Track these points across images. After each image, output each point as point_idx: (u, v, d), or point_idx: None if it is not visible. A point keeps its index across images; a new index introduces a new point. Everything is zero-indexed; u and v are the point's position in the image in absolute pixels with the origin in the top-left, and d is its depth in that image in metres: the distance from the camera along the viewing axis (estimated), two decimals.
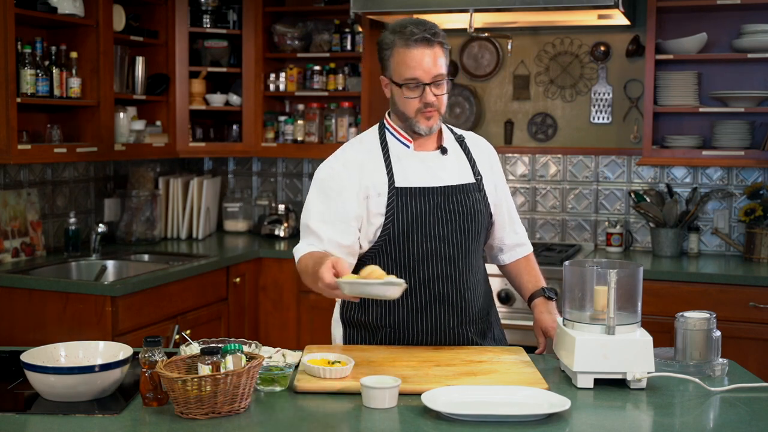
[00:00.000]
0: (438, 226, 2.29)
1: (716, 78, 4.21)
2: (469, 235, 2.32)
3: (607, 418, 1.86)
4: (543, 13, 4.05)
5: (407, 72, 2.22)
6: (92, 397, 1.89)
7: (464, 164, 2.38)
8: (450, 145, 2.39)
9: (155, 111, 4.46)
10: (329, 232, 2.23)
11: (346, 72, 4.61)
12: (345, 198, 2.26)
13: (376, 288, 1.91)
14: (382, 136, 2.36)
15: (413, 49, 2.21)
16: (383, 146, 2.34)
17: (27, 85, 3.53)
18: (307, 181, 4.95)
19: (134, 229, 4.37)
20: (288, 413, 1.86)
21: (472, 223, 2.32)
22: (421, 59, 2.21)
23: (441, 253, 2.29)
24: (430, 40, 2.21)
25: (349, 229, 2.25)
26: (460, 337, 2.35)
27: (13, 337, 3.42)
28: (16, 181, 3.87)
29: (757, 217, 4.05)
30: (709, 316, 2.18)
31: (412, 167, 2.31)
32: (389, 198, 2.27)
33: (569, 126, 4.50)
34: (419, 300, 2.30)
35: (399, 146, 2.34)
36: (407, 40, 2.21)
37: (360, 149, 2.35)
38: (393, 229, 2.27)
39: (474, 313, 2.36)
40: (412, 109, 2.26)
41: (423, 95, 2.23)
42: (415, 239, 2.27)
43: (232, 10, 4.57)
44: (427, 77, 2.22)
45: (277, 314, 4.34)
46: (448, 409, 1.78)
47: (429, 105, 2.24)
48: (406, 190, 2.28)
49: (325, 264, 1.96)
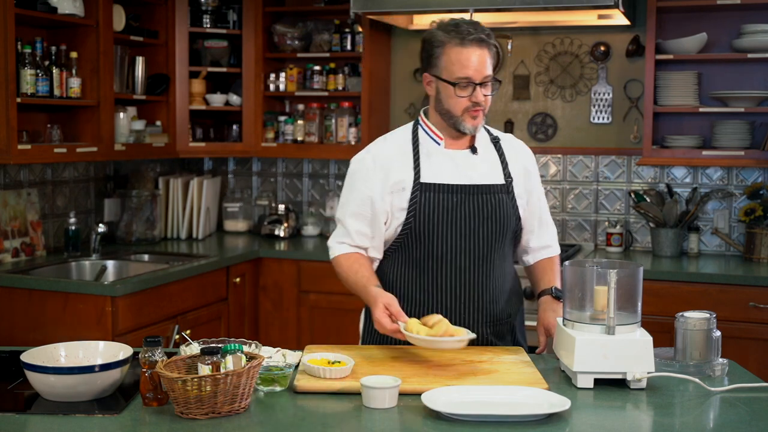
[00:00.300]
0: (460, 223, 2.30)
1: (716, 78, 4.21)
2: (492, 235, 2.33)
3: (607, 418, 1.86)
4: (543, 13, 4.06)
5: (460, 71, 2.25)
6: (92, 397, 1.89)
7: (495, 165, 2.38)
8: (483, 146, 2.39)
9: (155, 111, 4.46)
10: (356, 224, 2.35)
11: (346, 72, 4.61)
12: (371, 191, 2.33)
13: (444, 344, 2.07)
14: (414, 131, 2.40)
15: (467, 48, 2.24)
16: (414, 142, 2.37)
17: (27, 85, 3.53)
18: (307, 180, 4.96)
19: (134, 229, 4.37)
20: (288, 413, 1.86)
21: (496, 223, 2.33)
22: (475, 59, 2.24)
23: (462, 250, 2.31)
24: (483, 40, 2.24)
25: (375, 222, 2.34)
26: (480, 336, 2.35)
27: (13, 337, 3.42)
28: (16, 181, 3.87)
29: (757, 217, 4.05)
30: (709, 316, 2.18)
31: (441, 164, 2.34)
32: (413, 193, 2.31)
33: (569, 126, 4.50)
34: (437, 295, 2.33)
35: (430, 143, 2.37)
36: (463, 39, 2.24)
37: (391, 143, 2.40)
38: (414, 223, 2.30)
39: (493, 313, 2.37)
40: (460, 107, 2.28)
41: (473, 94, 2.25)
42: (436, 235, 2.30)
43: (232, 10, 4.57)
44: (478, 77, 2.25)
45: (277, 314, 4.34)
46: (448, 409, 1.78)
47: (477, 105, 2.27)
48: (430, 185, 2.31)
49: (377, 307, 2.15)
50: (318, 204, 4.91)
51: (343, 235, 2.38)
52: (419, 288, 2.35)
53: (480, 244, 2.32)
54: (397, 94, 4.76)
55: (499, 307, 2.38)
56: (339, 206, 2.42)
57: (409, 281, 2.37)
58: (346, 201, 2.39)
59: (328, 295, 4.24)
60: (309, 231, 4.78)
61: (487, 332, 2.37)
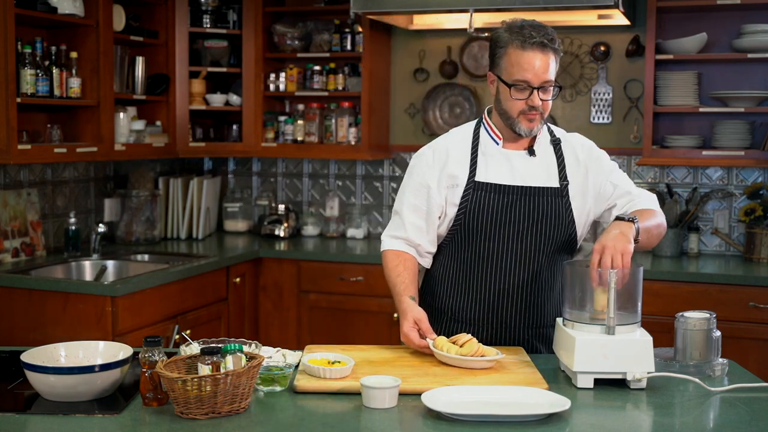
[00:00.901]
0: (510, 224, 2.31)
1: (716, 78, 4.21)
2: (541, 238, 2.32)
3: (607, 418, 1.86)
4: (543, 13, 4.05)
5: (518, 73, 2.24)
6: (92, 397, 1.89)
7: (552, 168, 2.36)
8: (542, 147, 2.38)
9: (155, 111, 4.46)
10: (411, 217, 2.38)
11: (346, 72, 4.61)
12: (428, 183, 2.36)
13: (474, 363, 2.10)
14: (476, 129, 2.41)
15: (528, 52, 2.23)
16: (474, 139, 2.39)
17: (27, 85, 3.53)
18: (307, 180, 4.96)
19: (134, 229, 4.37)
20: (288, 413, 1.86)
21: (547, 226, 2.32)
22: (534, 63, 2.23)
23: (509, 251, 2.32)
24: (546, 45, 2.23)
25: (430, 215, 2.36)
26: (519, 338, 2.36)
27: (13, 337, 3.42)
28: (16, 181, 3.87)
29: (757, 217, 4.05)
30: (709, 316, 2.18)
31: (496, 164, 2.35)
32: (466, 190, 2.33)
33: (569, 126, 4.48)
34: (483, 294, 2.35)
35: (489, 142, 2.38)
36: (524, 42, 2.24)
37: (453, 140, 2.42)
38: (465, 220, 2.32)
39: (537, 317, 2.37)
40: (516, 109, 2.28)
41: (530, 98, 2.25)
42: (485, 234, 2.32)
43: (232, 10, 4.57)
44: (537, 81, 2.24)
45: (277, 314, 4.34)
46: (448, 409, 1.78)
47: (534, 108, 2.26)
48: (484, 184, 2.32)
49: (407, 320, 2.21)
50: (318, 204, 4.91)
51: (397, 227, 2.42)
52: (465, 287, 2.37)
53: (528, 246, 2.32)
54: (397, 94, 4.76)
55: (544, 311, 2.37)
56: (397, 199, 2.45)
57: (455, 280, 2.39)
58: (403, 193, 2.42)
59: (328, 295, 4.24)
60: (309, 231, 4.79)
61: (528, 334, 2.37)
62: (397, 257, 2.40)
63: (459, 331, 2.36)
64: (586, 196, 2.37)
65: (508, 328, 2.36)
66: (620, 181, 2.41)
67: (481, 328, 2.37)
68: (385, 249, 2.44)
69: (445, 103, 4.66)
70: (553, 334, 2.37)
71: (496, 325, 2.36)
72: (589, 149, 2.44)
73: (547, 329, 2.39)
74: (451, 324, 2.41)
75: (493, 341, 2.36)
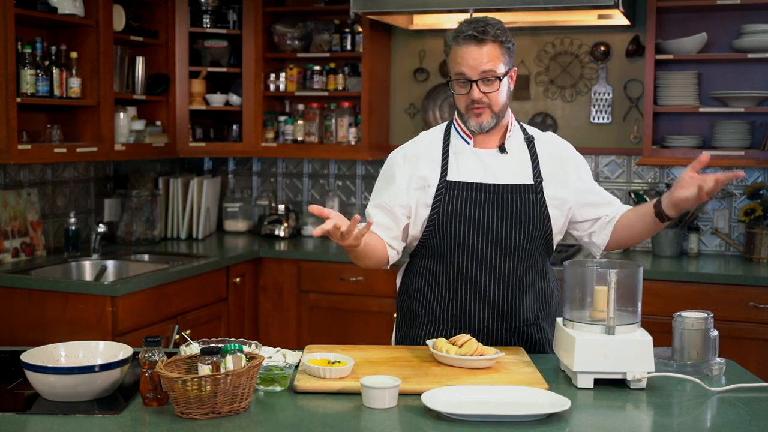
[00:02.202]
0: (484, 222, 2.30)
1: (716, 78, 4.21)
2: (517, 234, 2.32)
3: (607, 418, 1.86)
4: (543, 13, 4.06)
5: (456, 68, 2.27)
6: (92, 397, 1.89)
7: (525, 165, 2.36)
8: (514, 145, 2.38)
9: (155, 111, 4.46)
10: (379, 216, 2.37)
11: (346, 72, 4.61)
12: (397, 186, 2.36)
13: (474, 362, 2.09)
14: (447, 130, 2.42)
15: (462, 46, 2.25)
16: (445, 140, 2.39)
17: (27, 85, 3.53)
18: (307, 180, 4.96)
19: (134, 229, 4.37)
20: (288, 413, 1.86)
21: (521, 223, 2.31)
22: (467, 56, 2.24)
23: (485, 248, 2.31)
24: (477, 37, 2.23)
25: (397, 217, 2.37)
26: (499, 337, 2.36)
27: (13, 337, 3.42)
28: (16, 181, 3.87)
29: (757, 217, 4.05)
30: (707, 316, 2.18)
31: (468, 163, 2.35)
32: (438, 190, 2.32)
33: (569, 126, 4.50)
34: (460, 294, 2.34)
35: (460, 142, 2.38)
36: (457, 37, 2.26)
37: (423, 141, 2.43)
38: (438, 220, 2.32)
39: (518, 316, 2.36)
40: (462, 105, 2.31)
41: (470, 92, 2.26)
42: (459, 232, 2.31)
43: (232, 10, 4.57)
44: (473, 73, 2.25)
45: (277, 314, 4.34)
46: (448, 409, 1.78)
47: (476, 101, 2.27)
48: (456, 183, 2.32)
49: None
50: (318, 204, 4.91)
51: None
52: (443, 286, 2.36)
53: (503, 243, 2.31)
54: (397, 94, 4.76)
55: (523, 308, 2.36)
56: (370, 200, 2.47)
57: (432, 281, 2.38)
58: (374, 194, 2.44)
59: (328, 295, 4.24)
60: (309, 231, 4.79)
61: (508, 333, 2.36)
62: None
63: (438, 332, 2.37)
64: (565, 192, 2.36)
65: (488, 328, 2.35)
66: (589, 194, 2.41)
67: (460, 328, 2.35)
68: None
69: (445, 103, 4.66)
70: (532, 333, 2.39)
71: (475, 326, 2.35)
72: (567, 149, 2.45)
73: (527, 327, 2.38)
74: (430, 326, 2.39)
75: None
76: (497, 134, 2.37)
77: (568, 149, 2.45)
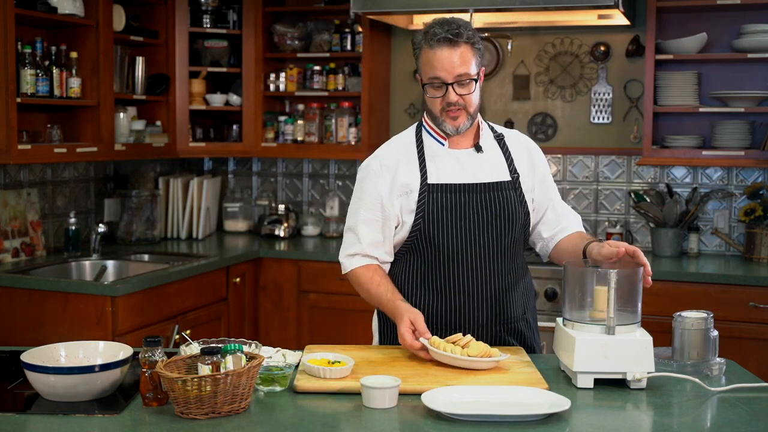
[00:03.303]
0: (469, 222, 2.31)
1: (716, 78, 4.21)
2: (501, 232, 2.33)
3: (607, 418, 1.86)
4: (543, 13, 4.06)
5: (430, 71, 2.26)
6: (92, 397, 1.89)
7: (500, 162, 2.37)
8: (487, 144, 2.39)
9: (155, 111, 4.46)
10: (368, 231, 2.35)
11: (346, 72, 4.61)
12: (380, 194, 2.33)
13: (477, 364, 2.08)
14: (418, 134, 2.40)
15: (436, 50, 2.24)
16: (419, 144, 2.38)
17: (27, 85, 3.53)
18: (307, 180, 4.96)
19: (134, 229, 4.37)
20: (288, 413, 1.86)
21: (505, 220, 2.32)
22: (443, 59, 2.23)
23: (471, 248, 2.31)
24: (452, 40, 2.22)
25: (386, 227, 2.34)
26: (490, 334, 2.36)
27: (13, 337, 3.42)
28: (16, 181, 3.87)
29: (757, 217, 4.05)
30: (707, 316, 2.18)
31: (446, 165, 2.34)
32: (420, 194, 2.31)
33: (569, 126, 4.50)
34: (448, 294, 2.34)
35: (434, 144, 2.37)
36: (430, 40, 2.24)
37: (398, 147, 2.40)
38: (423, 224, 2.31)
39: (506, 311, 2.37)
40: (437, 108, 2.30)
41: (446, 95, 2.26)
42: (445, 234, 2.31)
43: (232, 10, 4.57)
44: (449, 77, 2.24)
45: (277, 314, 4.34)
46: (448, 409, 1.78)
47: (452, 104, 2.26)
48: (437, 186, 2.32)
49: (404, 322, 2.17)
50: (318, 204, 4.91)
51: (351, 244, 2.37)
52: (430, 289, 2.35)
53: (490, 241, 2.32)
54: (397, 94, 4.76)
55: (512, 304, 2.37)
56: (348, 215, 2.40)
57: (420, 283, 2.37)
58: (356, 208, 2.37)
59: (328, 295, 4.24)
60: (309, 231, 4.79)
61: (499, 330, 2.37)
62: (366, 271, 2.35)
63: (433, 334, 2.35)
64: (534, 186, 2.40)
65: (478, 326, 2.35)
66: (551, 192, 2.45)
67: (450, 328, 2.34)
68: (349, 270, 2.39)
69: None
70: (523, 329, 2.40)
71: (465, 324, 2.35)
72: (536, 148, 2.47)
73: (517, 323, 2.39)
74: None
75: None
76: (470, 134, 2.37)
77: (538, 154, 2.47)
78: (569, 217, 2.46)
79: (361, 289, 2.37)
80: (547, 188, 2.45)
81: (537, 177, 2.42)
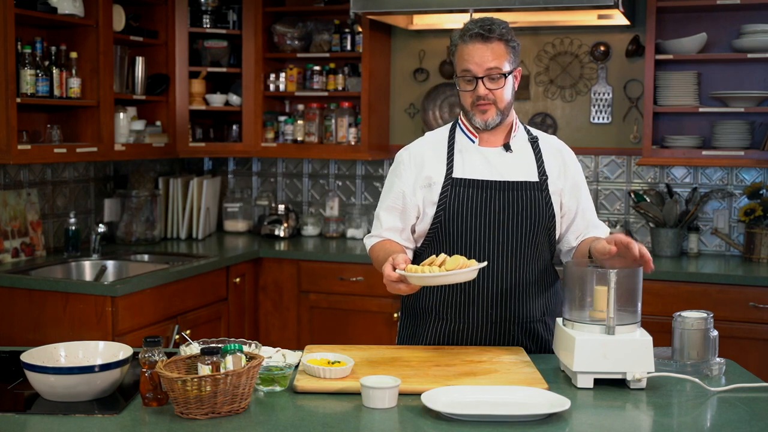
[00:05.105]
0: (490, 218, 2.32)
1: (716, 78, 4.21)
2: (523, 230, 2.33)
3: (607, 418, 1.86)
4: (543, 13, 4.06)
5: (462, 65, 2.31)
6: (92, 397, 1.89)
7: (530, 163, 2.38)
8: (519, 144, 2.41)
9: (155, 111, 4.46)
10: (388, 218, 2.42)
11: (346, 72, 4.61)
12: (404, 185, 2.40)
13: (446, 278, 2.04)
14: (453, 129, 2.44)
15: (468, 44, 2.29)
16: (450, 139, 2.42)
17: (27, 85, 3.53)
18: (307, 180, 4.96)
19: (134, 229, 4.37)
20: (288, 413, 1.86)
21: (527, 219, 2.33)
22: (474, 53, 2.28)
23: (490, 244, 2.32)
24: (484, 35, 2.27)
25: (406, 215, 2.40)
26: (507, 334, 2.36)
27: (13, 337, 3.42)
28: (16, 181, 3.87)
29: (757, 217, 4.05)
30: (706, 316, 2.18)
31: (473, 161, 2.37)
32: (443, 187, 2.35)
33: (569, 126, 4.50)
34: (467, 291, 2.34)
35: (465, 140, 2.40)
36: (463, 35, 2.30)
37: (430, 140, 2.46)
38: (444, 217, 2.33)
39: (525, 313, 2.37)
40: (467, 102, 2.34)
41: (476, 88, 2.29)
42: (465, 229, 2.32)
43: (232, 10, 4.57)
44: (479, 70, 2.28)
45: (277, 314, 4.34)
46: (448, 409, 1.78)
47: (481, 98, 2.30)
48: (462, 181, 2.34)
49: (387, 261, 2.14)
50: (318, 204, 4.91)
51: (375, 228, 2.46)
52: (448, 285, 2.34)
53: (510, 239, 2.33)
54: (396, 94, 4.76)
55: (530, 304, 2.37)
56: (379, 201, 2.49)
57: None
58: (384, 196, 2.46)
59: (328, 295, 4.24)
60: (309, 231, 4.79)
61: (516, 331, 2.37)
62: (380, 242, 2.42)
63: (446, 330, 2.37)
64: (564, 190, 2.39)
65: (495, 325, 2.35)
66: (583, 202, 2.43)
67: (467, 326, 2.36)
68: (368, 248, 2.48)
69: (444, 103, 4.66)
70: (539, 330, 2.40)
71: (483, 323, 2.35)
72: (571, 154, 2.47)
73: (534, 324, 2.39)
74: (437, 323, 2.39)
75: (480, 339, 2.36)
76: (502, 133, 2.39)
77: (571, 154, 2.47)
78: (599, 228, 2.44)
79: (374, 258, 2.43)
80: (579, 196, 2.43)
81: (568, 182, 2.41)
